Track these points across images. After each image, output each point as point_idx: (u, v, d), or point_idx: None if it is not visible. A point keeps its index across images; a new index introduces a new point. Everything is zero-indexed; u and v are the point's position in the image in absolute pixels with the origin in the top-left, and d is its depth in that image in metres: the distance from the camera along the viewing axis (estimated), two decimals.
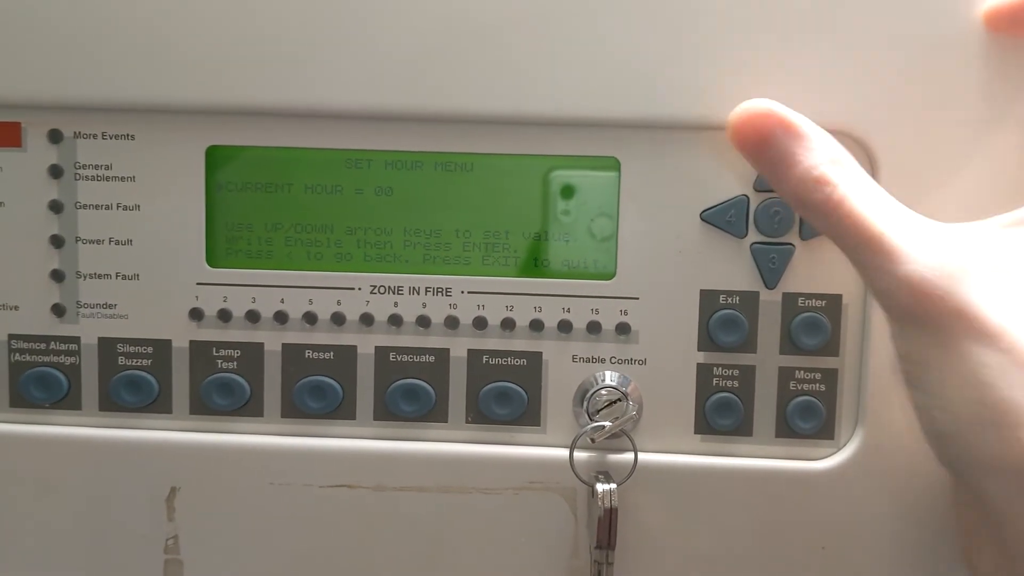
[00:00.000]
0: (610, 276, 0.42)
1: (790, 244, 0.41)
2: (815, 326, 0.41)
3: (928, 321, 0.32)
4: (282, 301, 0.42)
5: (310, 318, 0.42)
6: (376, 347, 0.42)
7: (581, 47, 0.39)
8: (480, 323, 0.42)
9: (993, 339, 0.31)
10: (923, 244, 0.33)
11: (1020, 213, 0.35)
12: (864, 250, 0.33)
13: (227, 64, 0.40)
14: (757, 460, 0.42)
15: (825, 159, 0.35)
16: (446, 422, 0.43)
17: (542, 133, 0.41)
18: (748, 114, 0.36)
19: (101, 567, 0.44)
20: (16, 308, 0.43)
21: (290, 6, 0.40)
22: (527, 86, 0.40)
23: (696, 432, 0.42)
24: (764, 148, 0.36)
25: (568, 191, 0.41)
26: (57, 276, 0.42)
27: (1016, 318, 0.31)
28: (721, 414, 0.42)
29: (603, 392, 0.42)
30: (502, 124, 0.41)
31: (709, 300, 0.41)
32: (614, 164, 0.41)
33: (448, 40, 0.40)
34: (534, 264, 0.42)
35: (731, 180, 0.41)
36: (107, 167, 0.42)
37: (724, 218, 0.41)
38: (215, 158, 0.41)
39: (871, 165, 0.40)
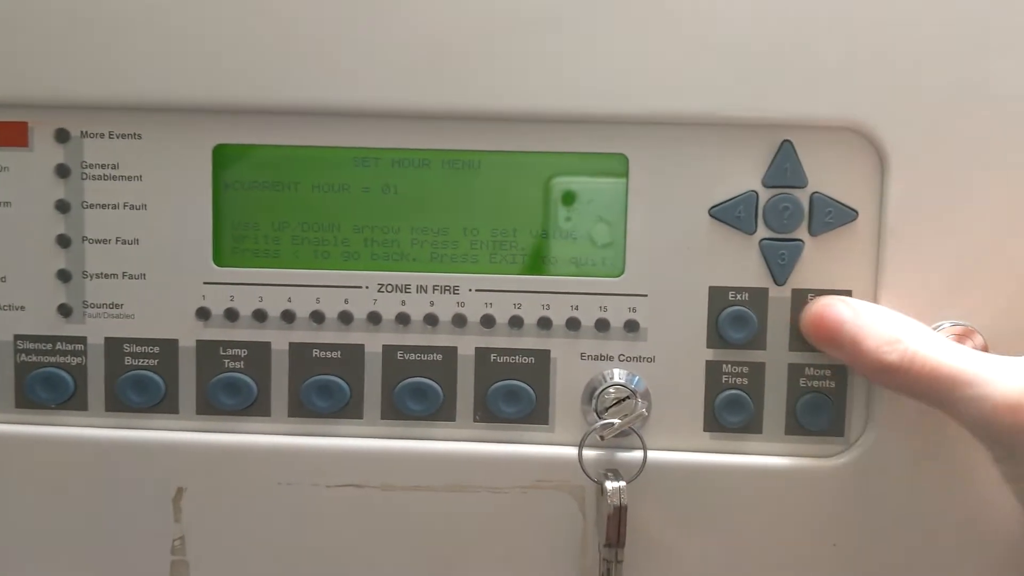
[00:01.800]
0: (618, 273, 0.41)
1: (799, 240, 0.41)
2: None
3: None
4: (289, 300, 0.42)
5: (317, 317, 0.42)
6: (384, 346, 0.42)
7: (589, 44, 0.39)
8: (488, 321, 0.42)
9: None
10: (1002, 370, 0.35)
11: None
12: (949, 389, 0.36)
13: (234, 63, 0.40)
14: (767, 458, 0.42)
15: (893, 323, 0.38)
16: (454, 421, 0.42)
17: (550, 130, 0.41)
18: (818, 304, 0.40)
19: (107, 568, 0.43)
20: (22, 308, 0.42)
21: (297, 5, 0.39)
22: (535, 83, 0.40)
23: (705, 429, 0.42)
24: (838, 328, 0.39)
25: (569, 197, 0.41)
26: (63, 276, 0.42)
27: None
28: (730, 411, 0.41)
29: (611, 390, 0.41)
30: (510, 121, 0.41)
31: (718, 297, 0.41)
32: (621, 162, 0.41)
33: (455, 38, 0.40)
34: (542, 262, 0.42)
35: (740, 176, 0.41)
36: (114, 166, 0.42)
37: (733, 214, 0.41)
38: (222, 157, 0.41)
39: (881, 162, 0.40)
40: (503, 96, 0.40)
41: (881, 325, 0.38)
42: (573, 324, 0.42)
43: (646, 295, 0.41)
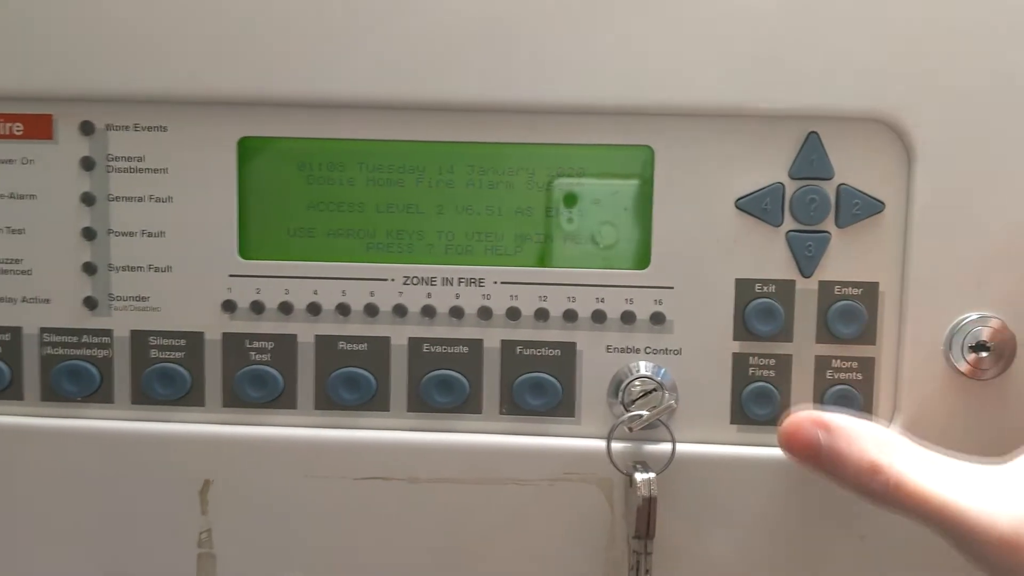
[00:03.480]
0: (644, 265, 0.41)
1: (826, 232, 0.41)
2: (852, 314, 0.41)
3: None
4: (315, 292, 0.42)
5: (343, 309, 0.42)
6: (409, 338, 0.42)
7: (614, 35, 0.39)
8: (513, 313, 0.42)
9: None
10: (993, 500, 0.33)
11: None
12: (939, 522, 0.34)
13: (259, 55, 0.40)
14: None
15: (871, 446, 0.36)
16: (480, 413, 0.42)
17: (576, 122, 0.40)
18: (790, 427, 0.37)
19: (134, 561, 0.43)
20: (48, 301, 0.42)
21: None
22: (560, 74, 0.40)
23: (732, 422, 0.42)
24: (814, 455, 0.37)
25: (594, 190, 0.41)
26: (89, 269, 0.42)
27: None
28: (757, 404, 0.41)
29: (637, 383, 0.41)
30: (535, 113, 0.40)
31: (744, 289, 0.41)
32: (647, 154, 0.41)
33: (482, 29, 0.39)
34: (566, 254, 0.42)
35: (766, 168, 0.40)
36: (139, 159, 0.42)
37: (760, 206, 0.41)
38: (247, 149, 0.41)
39: (908, 154, 0.40)
40: (529, 88, 0.40)
41: (859, 450, 0.36)
42: (599, 316, 0.42)
43: (672, 287, 0.41)
